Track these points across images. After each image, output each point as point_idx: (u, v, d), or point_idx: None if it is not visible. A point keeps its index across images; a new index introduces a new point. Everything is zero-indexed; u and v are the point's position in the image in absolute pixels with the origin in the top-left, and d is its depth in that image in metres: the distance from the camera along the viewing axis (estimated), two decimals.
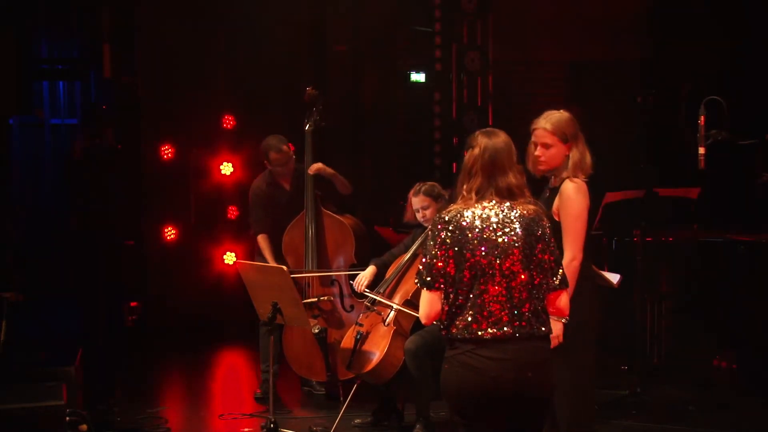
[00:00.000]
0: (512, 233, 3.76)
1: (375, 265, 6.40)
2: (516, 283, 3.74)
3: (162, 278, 9.65)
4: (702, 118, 5.80)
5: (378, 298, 6.20)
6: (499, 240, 3.75)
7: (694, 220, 7.67)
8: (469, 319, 3.74)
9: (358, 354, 6.15)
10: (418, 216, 6.21)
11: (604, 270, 5.23)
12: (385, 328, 6.10)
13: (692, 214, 7.54)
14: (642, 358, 7.03)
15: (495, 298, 3.73)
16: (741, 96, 7.81)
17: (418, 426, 6.00)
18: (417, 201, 6.18)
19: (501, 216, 3.79)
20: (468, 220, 3.78)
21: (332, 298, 6.84)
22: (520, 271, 3.75)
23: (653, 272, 7.39)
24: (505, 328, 3.72)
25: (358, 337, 6.15)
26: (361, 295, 6.41)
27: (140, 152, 9.53)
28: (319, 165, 6.92)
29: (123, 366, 7.96)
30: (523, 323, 3.74)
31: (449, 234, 3.77)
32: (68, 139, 9.30)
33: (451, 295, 3.78)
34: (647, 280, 7.09)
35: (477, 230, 3.77)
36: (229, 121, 9.70)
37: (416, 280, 3.85)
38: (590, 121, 9.59)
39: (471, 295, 3.75)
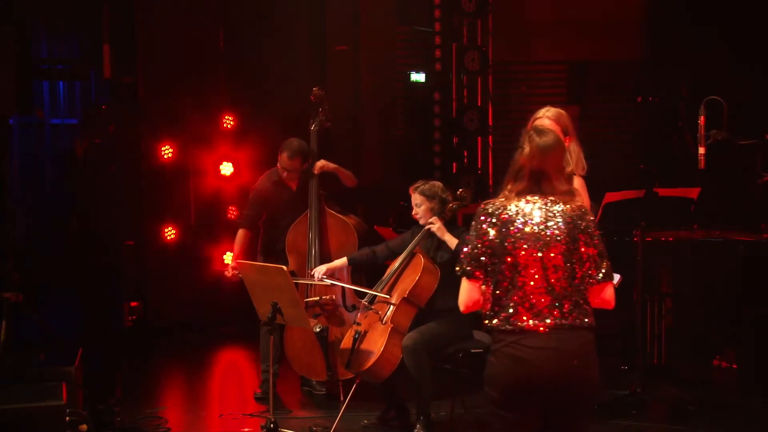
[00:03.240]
0: (555, 227, 3.78)
1: (347, 258, 6.52)
2: (557, 275, 3.75)
3: (162, 278, 9.64)
4: (702, 118, 5.80)
5: (378, 294, 6.21)
6: (542, 233, 3.77)
7: (694, 220, 7.66)
8: (511, 310, 3.75)
9: (356, 353, 6.15)
10: (413, 211, 6.25)
11: None
12: (383, 326, 6.11)
13: (692, 214, 7.53)
14: (642, 358, 7.02)
15: (536, 290, 3.74)
16: (741, 96, 7.80)
17: (418, 425, 6.00)
18: (413, 198, 6.26)
19: (544, 209, 3.80)
20: (511, 213, 3.80)
21: (334, 298, 6.84)
22: (562, 263, 3.76)
23: (653, 272, 7.39)
24: (547, 320, 3.73)
25: (357, 336, 6.16)
26: (362, 294, 6.42)
27: (140, 152, 9.52)
28: (322, 162, 6.95)
29: (123, 366, 7.95)
30: (565, 314, 3.74)
31: (491, 225, 3.79)
32: (68, 139, 9.28)
33: (493, 287, 3.80)
34: (647, 280, 7.09)
35: (519, 223, 3.78)
36: (229, 121, 9.69)
37: (457, 269, 3.86)
38: (590, 121, 9.66)
39: (512, 287, 3.76)
